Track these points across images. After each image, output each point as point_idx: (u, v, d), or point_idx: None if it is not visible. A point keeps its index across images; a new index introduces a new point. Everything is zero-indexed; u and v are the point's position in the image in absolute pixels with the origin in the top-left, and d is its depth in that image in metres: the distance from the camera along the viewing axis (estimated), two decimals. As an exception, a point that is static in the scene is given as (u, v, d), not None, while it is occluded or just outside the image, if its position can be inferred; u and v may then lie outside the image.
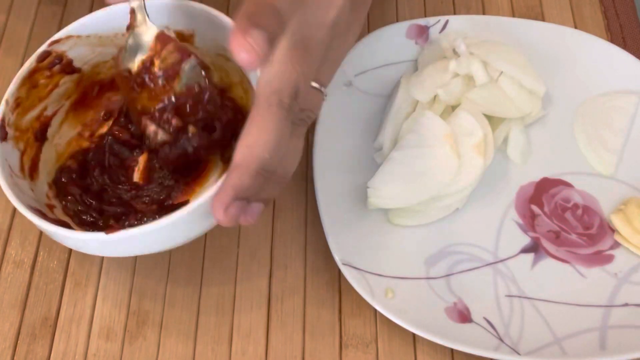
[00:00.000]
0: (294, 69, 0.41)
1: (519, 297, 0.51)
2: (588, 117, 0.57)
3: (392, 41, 0.60)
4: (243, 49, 0.38)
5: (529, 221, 0.54)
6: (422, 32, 0.61)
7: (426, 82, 0.56)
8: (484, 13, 0.64)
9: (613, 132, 0.56)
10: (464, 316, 0.50)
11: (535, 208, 0.54)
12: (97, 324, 0.51)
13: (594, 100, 0.58)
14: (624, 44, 0.62)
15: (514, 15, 0.64)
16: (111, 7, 0.50)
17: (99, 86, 0.54)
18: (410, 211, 0.53)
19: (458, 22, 0.61)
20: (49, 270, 0.53)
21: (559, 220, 0.54)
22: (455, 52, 0.58)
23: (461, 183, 0.52)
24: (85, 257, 0.54)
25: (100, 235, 0.43)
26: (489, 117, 0.55)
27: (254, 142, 0.40)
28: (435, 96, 0.55)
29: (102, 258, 0.54)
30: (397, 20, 0.63)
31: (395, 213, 0.53)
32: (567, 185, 0.55)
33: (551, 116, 0.58)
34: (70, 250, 0.54)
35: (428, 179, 0.52)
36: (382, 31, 0.60)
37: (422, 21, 0.61)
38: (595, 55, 0.59)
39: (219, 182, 0.42)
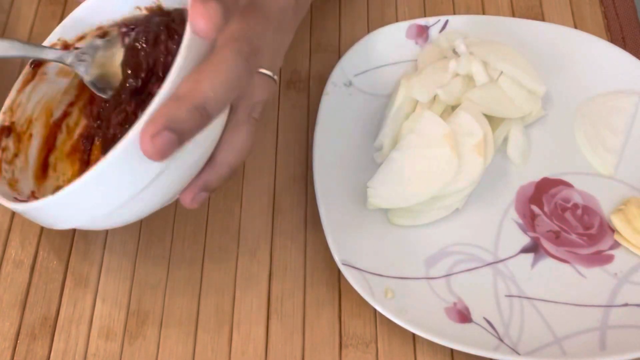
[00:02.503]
0: (250, 27, 0.41)
1: (519, 297, 0.51)
2: (588, 117, 0.57)
3: (392, 41, 0.60)
4: (201, 18, 0.37)
5: (529, 221, 0.54)
6: (422, 32, 0.61)
7: (426, 82, 0.56)
8: (484, 13, 0.64)
9: (613, 132, 0.56)
10: (464, 316, 0.50)
11: (535, 208, 0.54)
12: (97, 324, 0.51)
13: (594, 100, 0.58)
14: (624, 44, 0.62)
15: (514, 15, 0.64)
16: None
17: None
18: (410, 211, 0.53)
19: (458, 22, 0.61)
20: (49, 270, 0.53)
21: (558, 220, 0.54)
22: (455, 52, 0.58)
23: (461, 183, 0.52)
24: (85, 257, 0.53)
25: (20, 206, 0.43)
26: (489, 117, 0.55)
27: (204, 77, 0.39)
28: (435, 96, 0.55)
29: (102, 258, 0.54)
30: (397, 20, 0.63)
31: (395, 213, 0.53)
32: (567, 185, 0.55)
33: (551, 116, 0.58)
34: (70, 250, 0.54)
35: (428, 179, 0.52)
36: (382, 31, 0.60)
37: (422, 21, 0.61)
38: (595, 55, 0.59)
39: (147, 112, 0.38)
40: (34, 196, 0.49)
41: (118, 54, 0.49)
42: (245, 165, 0.57)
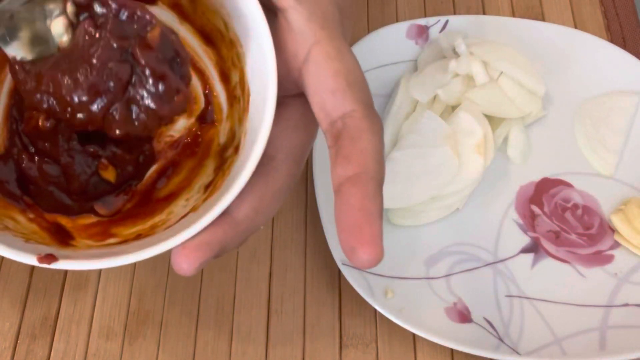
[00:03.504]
0: (308, 141, 0.37)
1: (519, 297, 0.51)
2: (588, 117, 0.57)
3: (391, 41, 0.60)
4: (185, 259, 0.34)
5: (529, 221, 0.54)
6: (422, 32, 0.61)
7: (426, 82, 0.56)
8: (484, 13, 0.64)
9: (613, 132, 0.56)
10: (464, 316, 0.50)
11: (535, 208, 0.54)
12: (97, 324, 0.51)
13: (594, 100, 0.58)
14: (624, 44, 0.62)
15: (514, 15, 0.64)
16: None
17: None
18: (411, 211, 0.53)
19: (458, 22, 0.61)
20: (49, 270, 0.53)
21: (558, 220, 0.54)
22: (455, 52, 0.58)
23: (461, 183, 0.52)
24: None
25: (30, 259, 0.34)
26: (489, 117, 0.55)
27: (262, 208, 0.35)
28: (435, 96, 0.55)
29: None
30: (397, 20, 0.63)
31: (395, 213, 0.53)
32: (567, 185, 0.55)
33: (551, 116, 0.58)
34: None
35: (428, 179, 0.52)
36: (382, 31, 0.60)
37: (422, 21, 0.61)
38: (595, 55, 0.59)
39: (198, 228, 0.33)
40: None
41: (55, 23, 0.36)
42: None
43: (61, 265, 0.34)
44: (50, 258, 0.34)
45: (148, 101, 0.34)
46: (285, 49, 0.36)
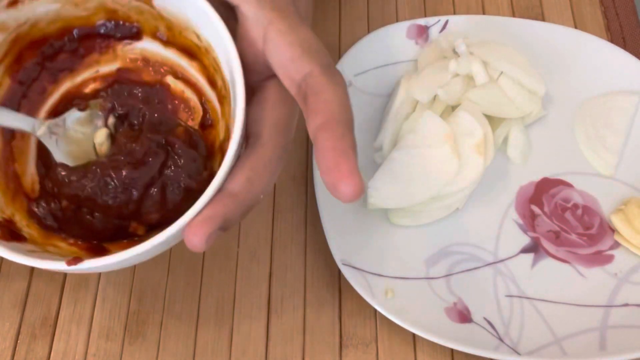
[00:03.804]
0: (292, 115, 0.41)
1: (519, 297, 0.51)
2: (588, 117, 0.57)
3: (392, 41, 0.60)
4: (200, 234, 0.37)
5: (529, 221, 0.54)
6: (422, 32, 0.61)
7: (426, 82, 0.56)
8: (484, 13, 0.64)
9: (613, 132, 0.56)
10: (464, 316, 0.50)
11: (535, 208, 0.54)
12: (97, 324, 0.51)
13: (594, 100, 0.58)
14: (624, 44, 0.62)
15: (514, 15, 0.64)
16: None
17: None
18: (411, 211, 0.53)
19: (458, 22, 0.61)
20: (49, 270, 0.53)
21: (559, 220, 0.54)
22: (455, 52, 0.58)
23: (461, 183, 0.52)
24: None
25: (59, 265, 0.38)
26: (489, 117, 0.55)
27: (257, 177, 0.39)
28: (435, 96, 0.55)
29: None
30: (397, 20, 0.63)
31: (395, 213, 0.53)
32: (567, 185, 0.55)
33: (551, 116, 0.58)
34: None
35: (428, 179, 0.52)
36: (382, 31, 0.60)
37: (422, 21, 0.61)
38: (595, 55, 0.59)
39: (199, 205, 0.37)
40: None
41: (99, 133, 0.45)
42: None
43: (86, 264, 0.38)
44: (77, 260, 0.38)
45: (183, 177, 0.42)
46: (248, 37, 0.40)
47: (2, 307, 0.52)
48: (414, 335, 0.50)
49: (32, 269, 0.53)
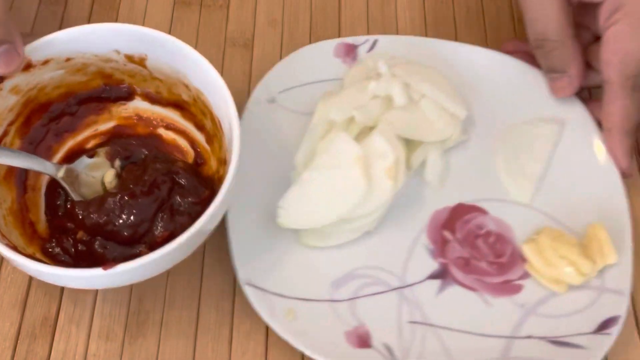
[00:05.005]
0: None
1: (422, 324, 0.50)
2: (510, 143, 0.57)
3: (319, 59, 0.60)
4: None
5: (440, 247, 0.53)
6: (351, 51, 0.60)
7: (344, 102, 0.55)
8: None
9: (533, 159, 0.56)
10: (364, 341, 0.49)
11: (447, 234, 0.53)
12: (97, 324, 0.51)
13: (518, 127, 0.57)
14: None
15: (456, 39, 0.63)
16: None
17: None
18: (320, 232, 0.52)
19: (387, 42, 0.60)
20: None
21: (470, 247, 0.53)
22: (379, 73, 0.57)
23: (370, 206, 0.51)
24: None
25: (97, 271, 0.43)
26: (408, 140, 0.54)
27: (617, 114, 0.54)
28: (352, 117, 0.55)
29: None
30: (397, 22, 0.64)
31: (305, 234, 0.53)
32: (482, 211, 0.54)
33: (473, 141, 0.57)
34: None
35: (337, 201, 0.51)
36: (310, 48, 0.60)
37: (350, 40, 0.60)
38: (522, 81, 0.58)
39: (206, 216, 0.44)
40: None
41: (108, 173, 0.52)
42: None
43: (120, 267, 0.43)
44: (111, 264, 0.43)
45: (188, 199, 0.49)
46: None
47: (2, 307, 0.52)
48: (302, 356, 0.49)
49: None
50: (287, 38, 0.64)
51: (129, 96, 0.56)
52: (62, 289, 0.52)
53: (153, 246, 0.47)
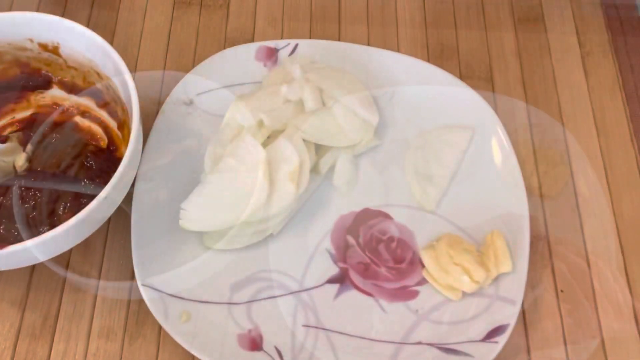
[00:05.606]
0: None
1: (316, 327, 0.51)
2: (420, 150, 0.57)
3: (240, 62, 0.60)
4: None
5: (342, 251, 0.53)
6: (271, 55, 0.61)
7: (255, 105, 0.55)
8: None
9: (442, 166, 0.56)
10: (255, 344, 0.50)
11: (350, 238, 0.54)
12: (97, 324, 0.52)
13: (429, 133, 0.57)
14: (624, 43, 0.62)
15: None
16: None
17: None
18: (223, 235, 0.53)
19: (307, 47, 0.60)
20: (49, 270, 0.53)
21: (371, 252, 0.53)
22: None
23: (272, 210, 0.52)
24: (85, 257, 0.54)
25: None
26: (319, 145, 0.55)
27: None
28: (261, 120, 0.55)
29: (102, 258, 0.54)
30: (397, 23, 0.64)
31: (209, 236, 0.53)
32: (387, 217, 0.55)
33: (385, 146, 0.57)
34: (70, 250, 0.54)
35: (239, 204, 0.52)
36: (231, 51, 0.60)
37: (271, 43, 0.61)
38: (438, 88, 0.58)
39: (106, 191, 0.46)
40: None
41: (18, 157, 0.54)
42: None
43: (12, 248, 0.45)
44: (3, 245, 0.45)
45: (96, 180, 0.52)
46: None
47: (2, 307, 0.52)
48: (193, 357, 0.50)
49: (32, 269, 0.53)
50: (286, 38, 0.64)
51: (46, 85, 0.57)
52: (62, 288, 0.53)
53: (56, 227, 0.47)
